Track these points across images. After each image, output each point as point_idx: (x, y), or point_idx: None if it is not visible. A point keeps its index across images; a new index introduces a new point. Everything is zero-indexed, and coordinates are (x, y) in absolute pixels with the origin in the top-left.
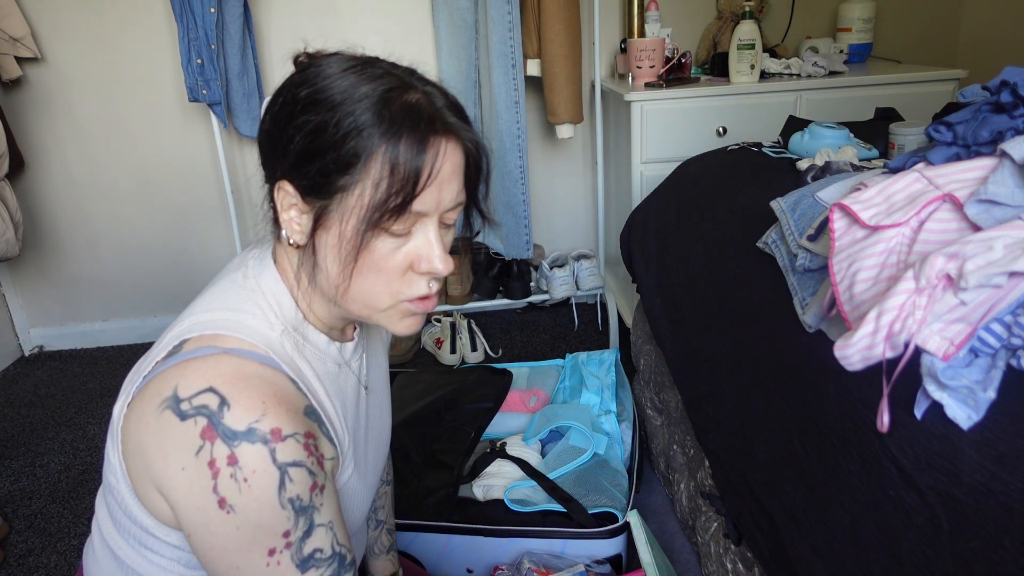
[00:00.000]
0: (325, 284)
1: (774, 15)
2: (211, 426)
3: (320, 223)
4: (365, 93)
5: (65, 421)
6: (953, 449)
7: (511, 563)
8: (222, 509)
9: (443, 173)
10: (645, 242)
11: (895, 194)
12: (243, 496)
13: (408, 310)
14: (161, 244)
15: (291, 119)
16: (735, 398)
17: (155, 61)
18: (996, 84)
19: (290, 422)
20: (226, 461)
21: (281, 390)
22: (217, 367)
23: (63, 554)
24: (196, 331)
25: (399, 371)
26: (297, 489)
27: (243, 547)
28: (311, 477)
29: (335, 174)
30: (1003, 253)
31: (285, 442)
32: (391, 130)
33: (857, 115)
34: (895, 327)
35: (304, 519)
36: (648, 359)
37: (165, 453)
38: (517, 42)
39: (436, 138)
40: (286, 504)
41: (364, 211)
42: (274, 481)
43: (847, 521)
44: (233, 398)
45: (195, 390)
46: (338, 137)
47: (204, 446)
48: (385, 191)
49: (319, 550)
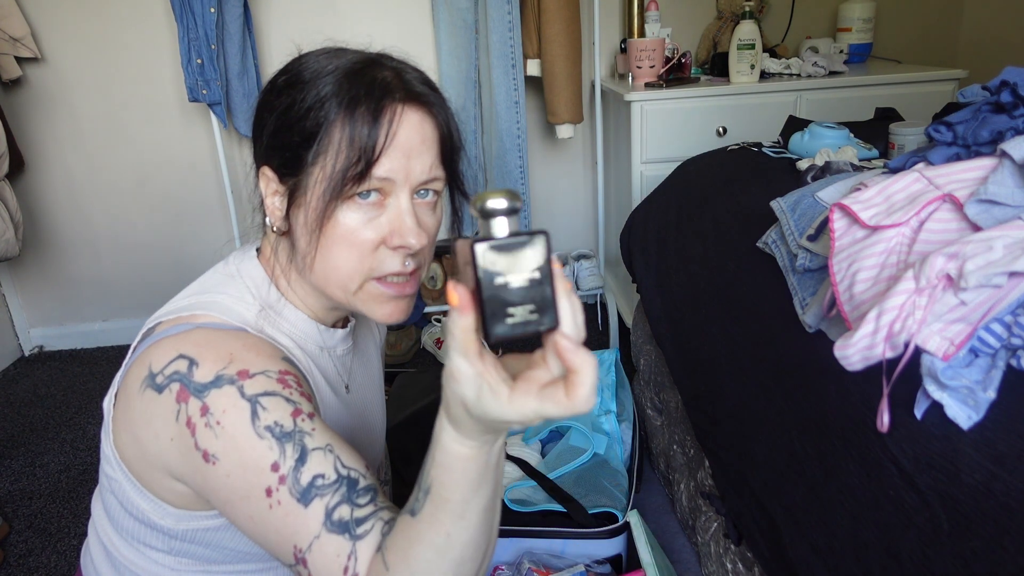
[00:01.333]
0: (300, 265)
1: (774, 15)
2: (183, 388)
3: (293, 200)
4: (331, 69)
5: (65, 421)
6: (953, 449)
7: (511, 563)
8: (208, 463)
9: (407, 140)
10: (645, 242)
11: (895, 194)
12: (220, 440)
13: (384, 294)
14: (161, 244)
15: (268, 104)
16: (735, 398)
17: (155, 61)
18: (996, 84)
19: (260, 362)
20: (199, 413)
21: (253, 342)
22: (186, 337)
23: (63, 554)
24: (172, 314)
25: (399, 371)
26: (273, 416)
27: (242, 494)
28: (289, 404)
29: (301, 148)
30: (1003, 253)
31: (254, 378)
32: (349, 99)
33: (857, 115)
34: (895, 327)
35: (292, 446)
36: (648, 359)
37: (155, 431)
38: (517, 42)
39: (393, 104)
40: (264, 433)
41: (328, 180)
42: (245, 414)
43: (847, 521)
44: (200, 356)
45: (166, 361)
46: (302, 111)
47: (180, 408)
48: (345, 158)
49: (320, 476)
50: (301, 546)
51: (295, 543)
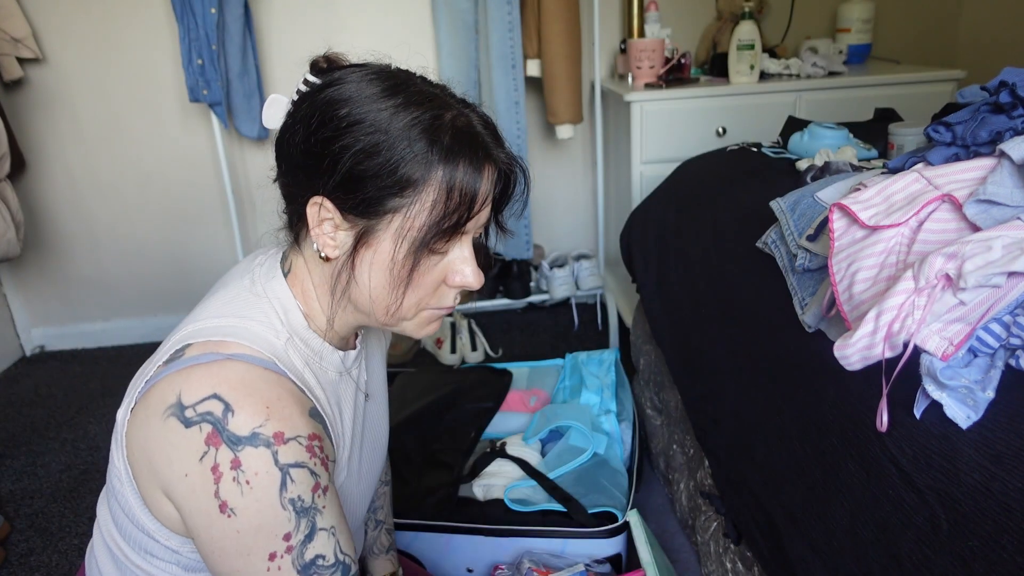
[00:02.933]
0: (360, 297)
1: (773, 15)
2: (215, 432)
3: (363, 242)
4: (415, 117)
5: (66, 421)
6: (952, 449)
7: (511, 562)
8: (223, 513)
9: (490, 195)
10: (645, 242)
11: (894, 194)
12: (245, 498)
13: (432, 316)
14: (162, 244)
15: (335, 138)
16: (735, 398)
17: (156, 61)
18: (995, 84)
19: (293, 425)
20: (229, 465)
21: (285, 393)
22: (221, 373)
23: (64, 553)
24: (200, 337)
25: (399, 371)
26: (299, 490)
27: (243, 551)
28: (313, 478)
29: (388, 197)
30: (1002, 253)
31: (287, 444)
32: (448, 156)
33: (856, 115)
34: (894, 327)
35: (306, 521)
36: (648, 359)
37: (170, 459)
38: (517, 42)
39: (488, 163)
40: (287, 505)
41: (418, 233)
42: (276, 482)
43: (846, 520)
44: (237, 404)
45: (199, 397)
46: (393, 161)
47: (208, 452)
48: (440, 213)
49: (321, 556)
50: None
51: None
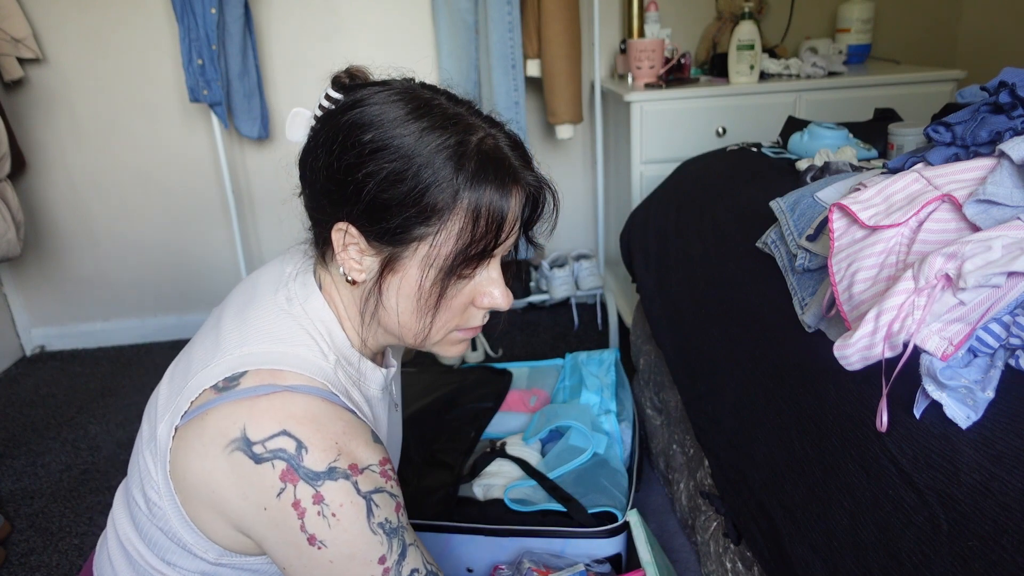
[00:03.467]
0: (389, 322)
1: (773, 16)
2: (291, 469)
3: (390, 268)
4: (440, 143)
5: (66, 421)
6: (952, 449)
7: (511, 562)
8: (312, 546)
9: (519, 218)
10: (645, 242)
11: (894, 194)
12: (333, 530)
13: (460, 337)
14: (162, 244)
15: (358, 165)
16: (735, 398)
17: (156, 61)
18: (995, 85)
19: (363, 456)
20: (312, 500)
21: (348, 426)
22: (285, 408)
23: (64, 553)
24: (253, 365)
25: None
26: (384, 513)
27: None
28: (393, 499)
29: (414, 226)
30: (1002, 253)
31: (364, 474)
32: (475, 182)
33: (856, 115)
34: (894, 327)
35: (397, 541)
36: (648, 359)
37: (243, 493)
38: (517, 42)
39: (515, 187)
40: (377, 529)
41: (444, 260)
42: (362, 511)
43: (846, 520)
44: (309, 441)
45: (268, 433)
46: (418, 189)
47: (286, 488)
48: (468, 240)
49: (416, 570)
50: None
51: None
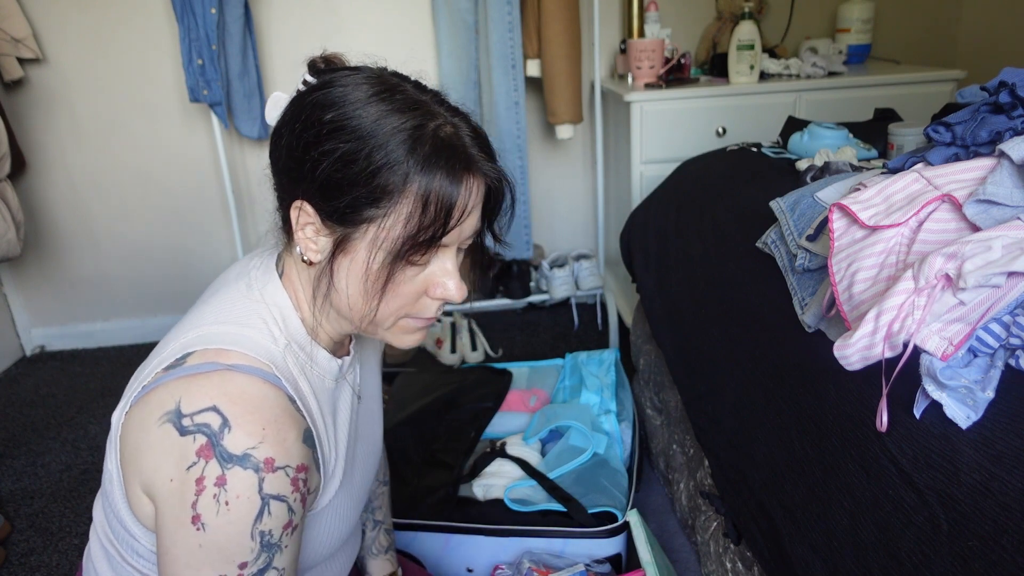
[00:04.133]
0: (340, 304)
1: (773, 16)
2: (209, 445)
3: (341, 248)
4: (397, 126)
5: (66, 421)
6: (952, 449)
7: (511, 562)
8: (193, 524)
9: (471, 208)
10: (645, 242)
11: (894, 194)
12: (219, 518)
13: (412, 326)
14: (162, 244)
15: (316, 143)
16: (735, 398)
17: (156, 61)
18: (995, 85)
19: (285, 452)
20: (214, 481)
21: (282, 414)
22: (222, 385)
23: (64, 553)
24: (200, 344)
25: (399, 371)
26: (272, 524)
27: (196, 564)
28: (289, 514)
29: (364, 206)
30: (1002, 253)
31: (275, 473)
32: (426, 167)
33: (856, 115)
34: (894, 327)
35: (266, 556)
36: (648, 359)
37: (158, 463)
38: (517, 42)
39: (468, 176)
40: (256, 535)
41: (392, 244)
42: (254, 510)
43: (846, 520)
44: (236, 421)
45: (198, 407)
46: (370, 170)
47: (197, 463)
48: (416, 226)
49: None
50: None
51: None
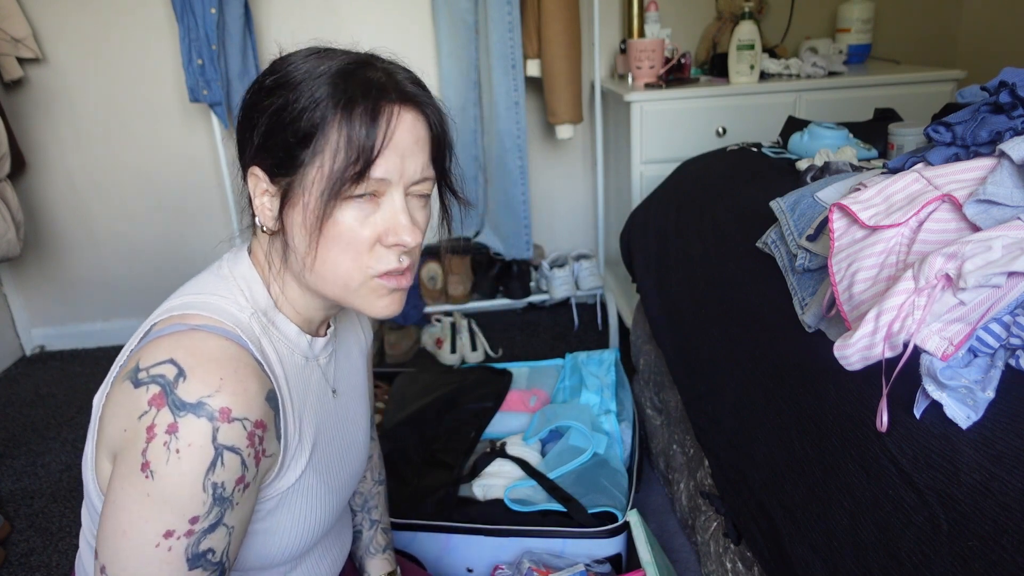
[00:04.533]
0: (296, 264)
1: (773, 16)
2: (162, 394)
3: (287, 200)
4: (323, 70)
5: (66, 421)
6: (952, 449)
7: (511, 562)
8: (142, 472)
9: (402, 141)
10: (645, 242)
11: (894, 194)
12: (168, 466)
13: (383, 287)
14: (162, 244)
15: (256, 104)
16: (735, 398)
17: (156, 61)
18: (995, 85)
19: (244, 404)
20: (165, 428)
21: (244, 368)
22: (180, 340)
23: (64, 553)
24: (167, 314)
25: (399, 371)
26: (224, 476)
27: (142, 517)
28: (242, 469)
29: (296, 148)
30: (1002, 253)
31: (231, 424)
32: (345, 100)
33: (856, 115)
34: (894, 327)
35: (217, 511)
36: (648, 359)
37: (115, 416)
38: (517, 42)
39: (390, 104)
40: (208, 487)
41: (325, 181)
42: (206, 460)
43: (846, 520)
44: (191, 371)
45: (155, 361)
46: (296, 112)
47: (148, 411)
48: (344, 160)
49: (212, 551)
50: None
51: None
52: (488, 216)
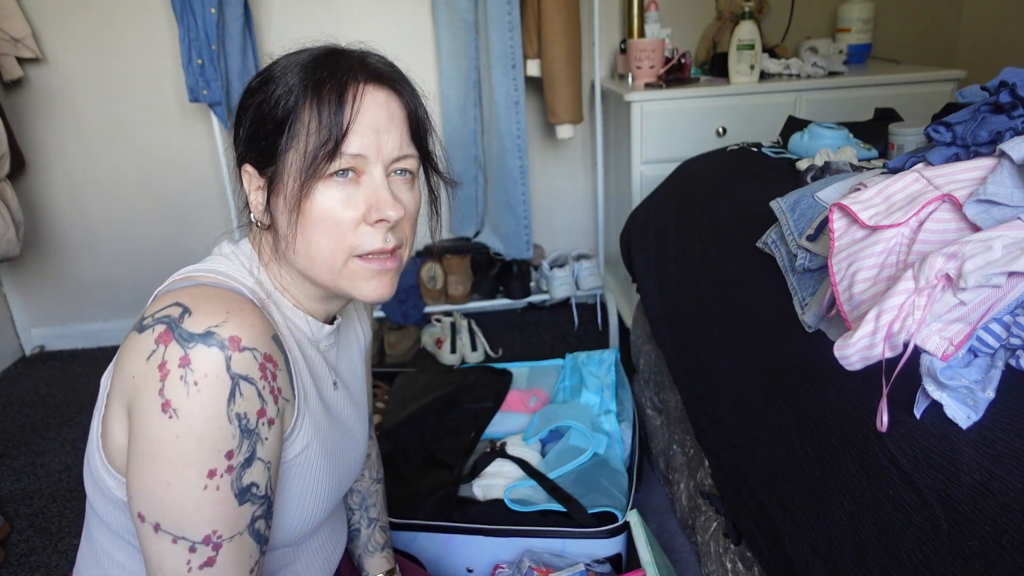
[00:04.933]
0: (285, 251)
1: (773, 15)
2: (168, 331)
3: (273, 189)
4: (298, 60)
5: (66, 421)
6: (952, 449)
7: (512, 562)
8: (164, 413)
9: (375, 117)
10: (645, 242)
11: (894, 194)
12: (190, 400)
13: (368, 269)
14: (162, 244)
15: (244, 104)
16: (735, 398)
17: (156, 61)
18: (995, 84)
19: (252, 336)
20: (178, 362)
21: (249, 307)
22: (185, 289)
23: (64, 553)
24: (168, 283)
25: (399, 371)
26: (245, 406)
27: (180, 460)
28: (260, 401)
29: (274, 136)
30: (1002, 253)
31: (243, 353)
32: (314, 82)
33: (856, 115)
34: (894, 327)
35: (248, 444)
36: (648, 359)
37: (121, 367)
38: (517, 42)
39: (356, 82)
40: (233, 419)
41: (301, 161)
42: (225, 390)
43: (846, 520)
44: (196, 306)
45: (158, 308)
46: (273, 101)
47: (157, 349)
48: (316, 138)
49: (255, 485)
50: (222, 534)
51: (215, 529)
52: (488, 216)
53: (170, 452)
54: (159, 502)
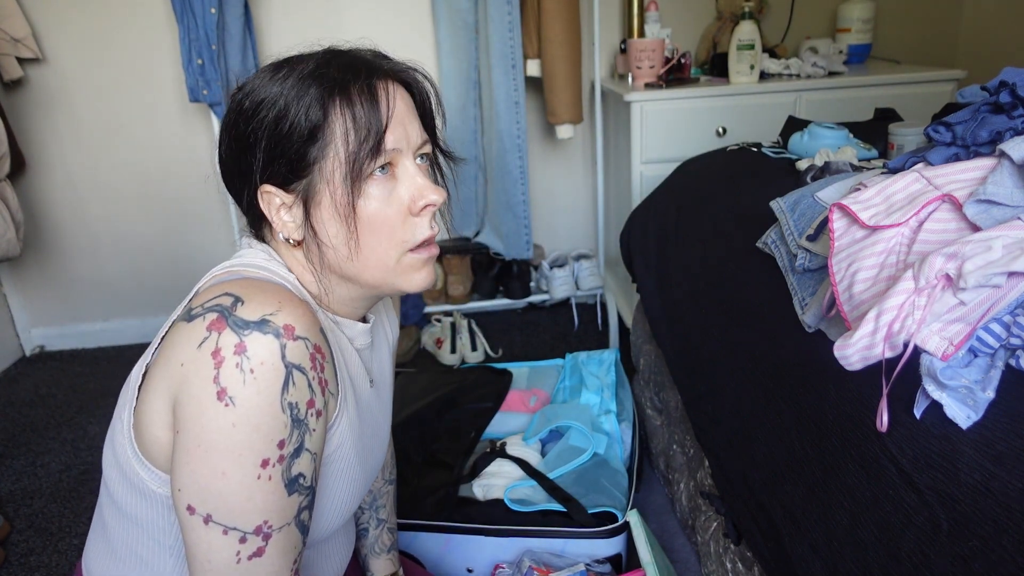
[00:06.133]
0: (336, 259)
1: (774, 15)
2: (221, 318)
3: (310, 202)
4: (302, 73)
5: (66, 421)
6: (952, 449)
7: (512, 562)
8: (220, 400)
9: (400, 110)
10: (645, 242)
11: (894, 194)
12: (247, 388)
13: (419, 259)
14: (162, 244)
15: (247, 127)
16: (735, 398)
17: (156, 61)
18: (995, 84)
19: (303, 326)
20: (233, 350)
21: (297, 300)
22: (235, 281)
23: (64, 553)
24: (210, 277)
25: (399, 371)
26: (296, 396)
27: (235, 449)
28: (309, 392)
29: (304, 147)
30: (1002, 253)
31: (296, 342)
32: (338, 86)
33: (856, 115)
34: (894, 327)
35: (298, 434)
36: (648, 359)
37: (167, 357)
38: (517, 42)
39: (381, 79)
40: (285, 407)
41: (345, 165)
42: (280, 378)
43: (846, 520)
44: (248, 295)
45: (208, 297)
46: (297, 115)
47: (209, 337)
48: (356, 140)
49: (303, 475)
50: (273, 524)
51: (267, 519)
52: (488, 216)
53: (227, 441)
54: (213, 492)
